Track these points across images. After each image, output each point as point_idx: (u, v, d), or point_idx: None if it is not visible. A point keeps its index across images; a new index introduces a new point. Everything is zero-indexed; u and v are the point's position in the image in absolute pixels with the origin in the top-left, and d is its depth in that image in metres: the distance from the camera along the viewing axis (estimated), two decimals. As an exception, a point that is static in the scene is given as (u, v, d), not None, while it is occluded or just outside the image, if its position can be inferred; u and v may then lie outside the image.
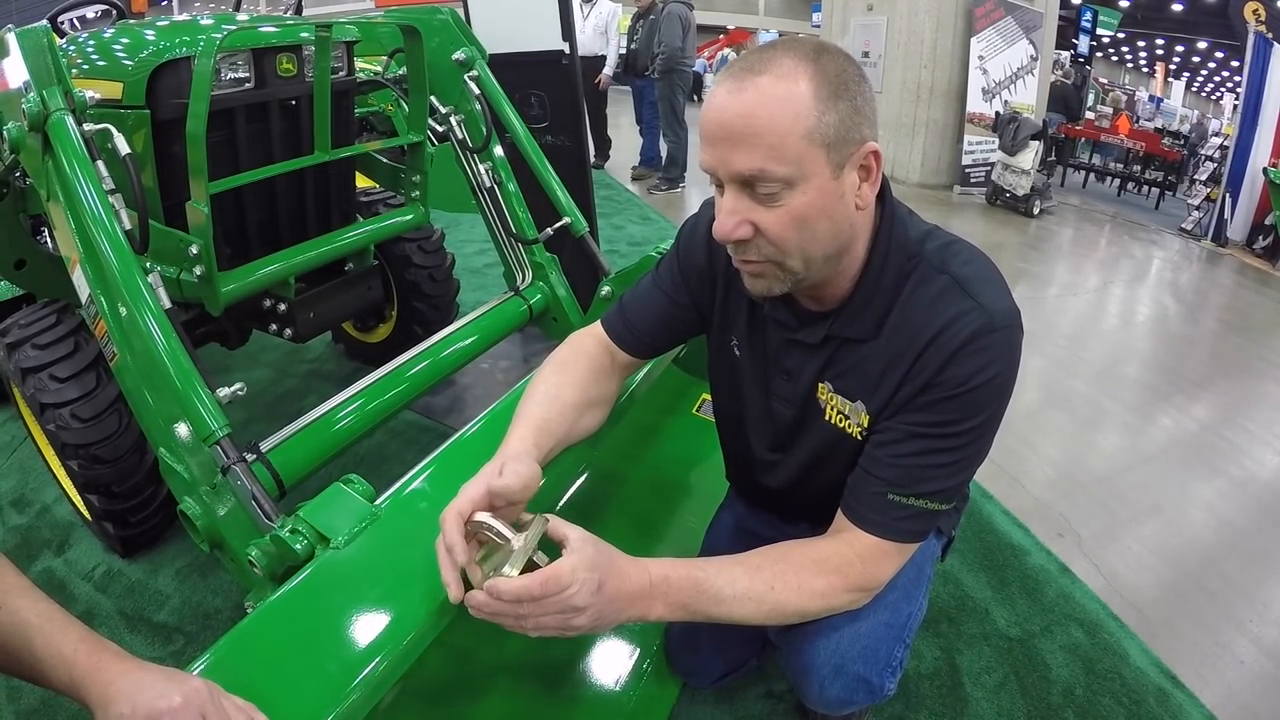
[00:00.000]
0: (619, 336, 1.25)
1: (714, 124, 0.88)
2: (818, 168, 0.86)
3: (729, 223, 0.90)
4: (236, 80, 1.82)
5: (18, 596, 0.79)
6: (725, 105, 0.86)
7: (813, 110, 0.84)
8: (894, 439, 0.99)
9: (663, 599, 0.94)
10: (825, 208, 0.89)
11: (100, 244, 1.41)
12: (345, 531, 0.97)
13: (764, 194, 0.87)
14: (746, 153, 0.85)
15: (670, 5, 6.30)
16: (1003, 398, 0.96)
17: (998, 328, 0.92)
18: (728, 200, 0.90)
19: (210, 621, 1.78)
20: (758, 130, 0.84)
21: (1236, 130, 6.67)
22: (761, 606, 0.97)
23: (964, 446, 0.97)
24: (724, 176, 0.89)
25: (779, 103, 0.84)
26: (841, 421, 1.08)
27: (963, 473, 1.00)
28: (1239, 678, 1.78)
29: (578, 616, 0.87)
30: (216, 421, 1.35)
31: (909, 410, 0.98)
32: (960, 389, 0.93)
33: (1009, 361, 0.94)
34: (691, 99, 7.80)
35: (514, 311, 2.26)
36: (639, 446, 1.95)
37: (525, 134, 2.33)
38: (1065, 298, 4.71)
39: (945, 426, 0.95)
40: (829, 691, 1.11)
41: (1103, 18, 12.71)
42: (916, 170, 7.87)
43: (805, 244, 0.91)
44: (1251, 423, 3.16)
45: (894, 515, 0.99)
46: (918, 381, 0.96)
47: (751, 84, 0.85)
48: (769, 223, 0.89)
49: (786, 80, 0.84)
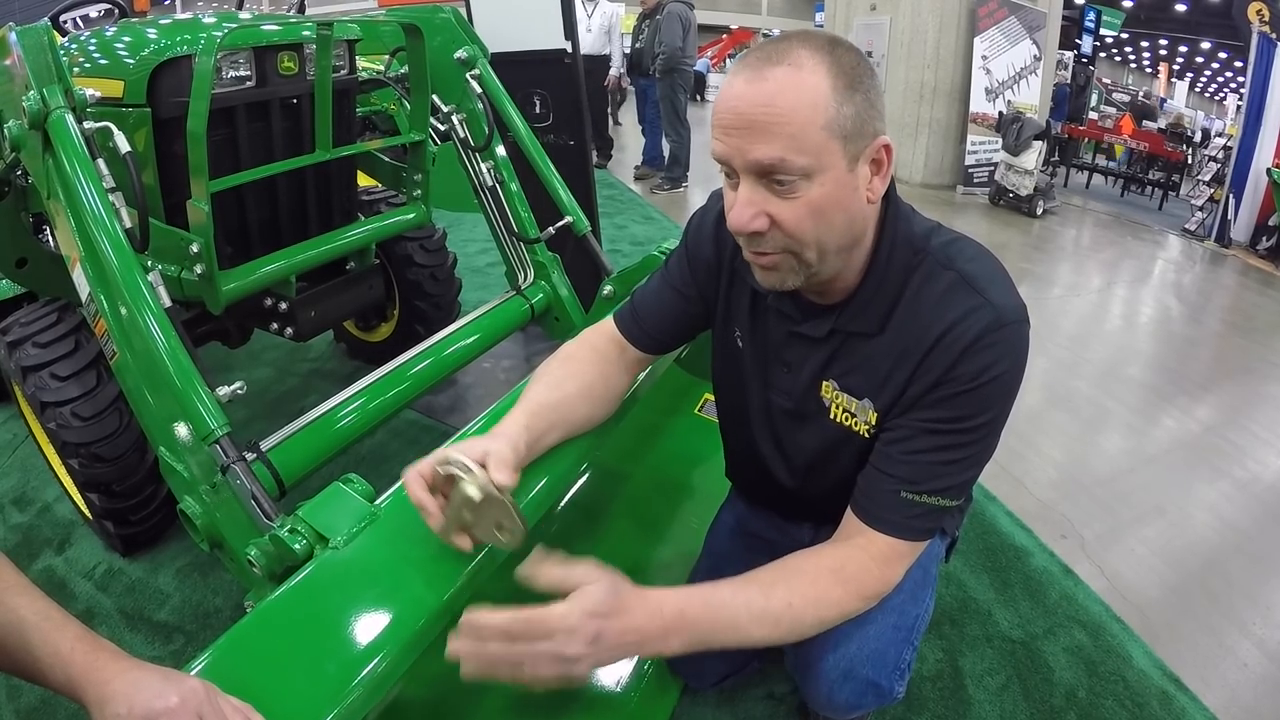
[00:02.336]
0: (629, 331, 1.25)
1: (731, 113, 0.86)
2: (835, 159, 0.86)
3: (745, 214, 0.89)
4: (238, 79, 1.81)
5: (16, 595, 0.79)
6: (744, 94, 0.85)
7: (831, 101, 0.84)
8: (906, 435, 0.99)
9: (678, 635, 0.91)
10: (840, 200, 0.89)
11: (100, 242, 1.41)
12: (345, 531, 0.96)
13: (781, 185, 0.86)
14: (766, 142, 0.84)
15: (671, 5, 6.31)
16: (1012, 392, 0.96)
17: (1006, 323, 0.92)
18: (744, 191, 0.89)
19: (210, 620, 1.77)
20: (778, 120, 0.83)
21: (1240, 131, 6.66)
22: (780, 626, 0.95)
23: (976, 442, 0.97)
24: (740, 166, 0.88)
25: (799, 93, 0.83)
26: (848, 420, 1.07)
27: (974, 468, 1.00)
28: (1242, 680, 1.77)
29: (575, 665, 0.84)
30: (216, 420, 1.35)
31: (920, 407, 0.98)
32: (972, 384, 0.93)
33: (1018, 357, 0.94)
34: (694, 98, 7.81)
35: (516, 311, 2.25)
36: (641, 446, 1.95)
37: (527, 133, 2.33)
38: (1068, 298, 4.70)
39: (958, 422, 0.95)
40: (838, 696, 1.10)
41: (1106, 18, 12.69)
42: (920, 170, 7.86)
43: (821, 236, 0.90)
44: (1255, 424, 3.15)
45: (907, 514, 0.99)
46: (928, 379, 0.96)
47: (771, 74, 0.84)
48: (786, 214, 0.88)
49: (805, 71, 0.83)
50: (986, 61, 7.47)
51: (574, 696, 1.39)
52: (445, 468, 0.89)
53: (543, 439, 1.09)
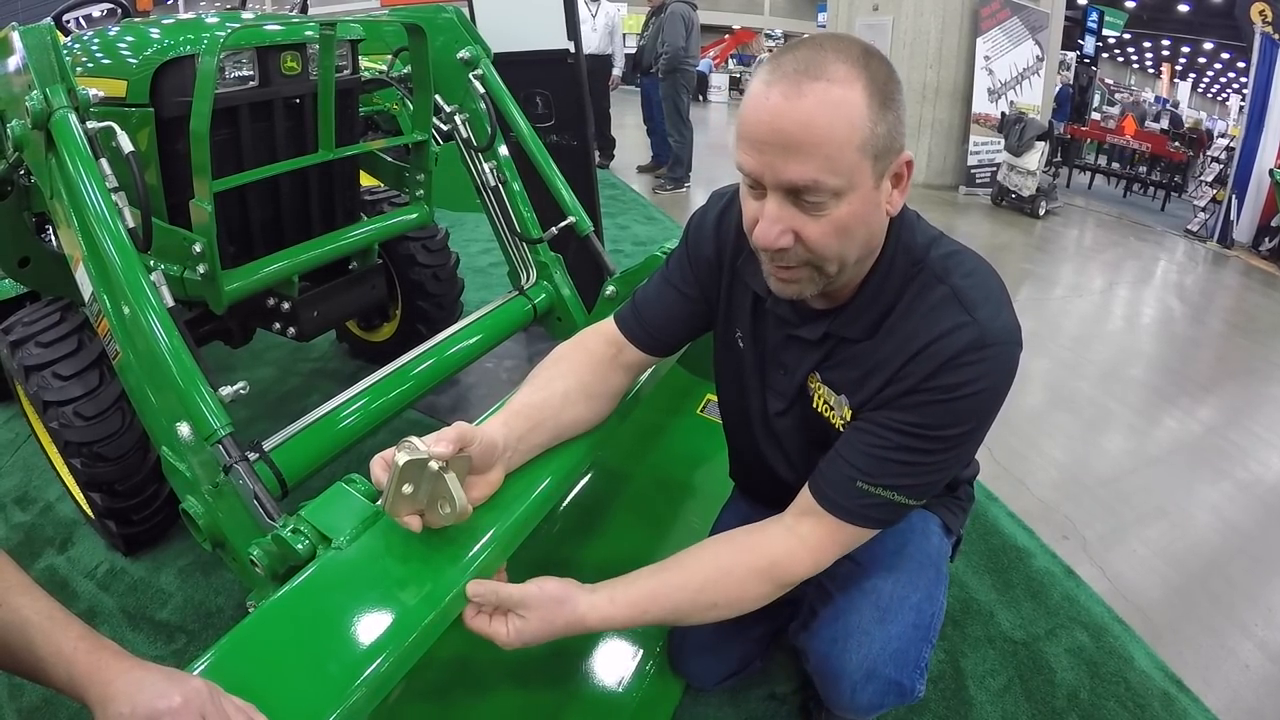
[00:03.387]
0: (630, 331, 1.24)
1: (766, 128, 0.84)
2: (864, 178, 0.86)
3: (772, 232, 0.88)
4: (241, 78, 1.81)
5: (18, 594, 0.78)
6: (780, 110, 0.83)
7: (867, 121, 0.83)
8: (871, 430, 0.99)
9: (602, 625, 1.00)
10: (865, 216, 0.89)
11: (103, 242, 1.41)
12: (347, 531, 0.96)
13: (810, 203, 0.86)
14: (801, 163, 0.83)
15: (674, 5, 6.30)
16: (987, 412, 0.96)
17: (989, 344, 0.92)
18: (771, 208, 0.88)
19: (212, 620, 1.77)
20: (815, 140, 0.82)
21: (1243, 132, 6.65)
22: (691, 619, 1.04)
23: (941, 451, 0.97)
24: (771, 184, 0.87)
25: (836, 112, 0.82)
26: (827, 411, 1.09)
27: (936, 474, 1.00)
28: (1244, 682, 1.77)
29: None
30: (219, 420, 1.35)
31: (892, 407, 0.98)
32: (946, 396, 0.93)
33: (999, 378, 0.94)
34: (696, 98, 7.81)
35: (518, 311, 2.25)
36: (644, 445, 1.95)
37: (530, 133, 2.32)
38: (1071, 299, 4.70)
39: (924, 429, 0.95)
40: (861, 696, 1.10)
41: (1109, 18, 12.67)
42: (922, 171, 7.86)
43: (843, 251, 0.91)
44: (1257, 425, 3.15)
45: (861, 502, 0.99)
46: (904, 384, 0.96)
47: (809, 89, 0.82)
48: (812, 232, 0.88)
49: (843, 87, 0.82)
50: (989, 62, 7.47)
51: (577, 696, 1.39)
52: (398, 448, 0.90)
53: (526, 438, 1.08)
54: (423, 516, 0.93)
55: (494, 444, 1.01)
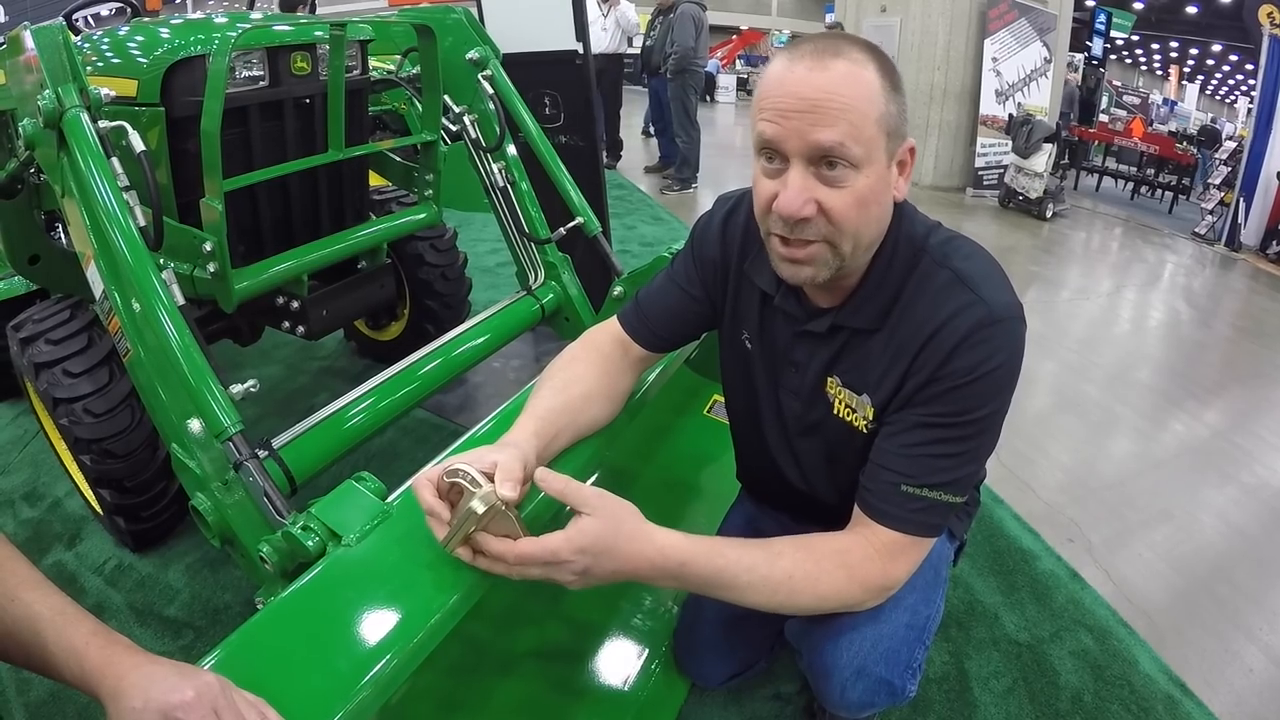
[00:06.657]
0: (633, 330, 1.26)
1: (793, 96, 0.88)
2: (879, 154, 0.91)
3: (798, 200, 0.91)
4: (251, 78, 1.82)
5: (30, 590, 0.79)
6: (807, 79, 0.88)
7: (882, 98, 0.89)
8: (902, 430, 1.01)
9: (674, 580, 0.96)
10: (879, 194, 0.93)
11: (114, 240, 1.41)
12: (357, 529, 0.97)
13: (832, 174, 0.89)
14: (830, 125, 0.87)
15: (684, 5, 6.29)
16: (1007, 388, 0.98)
17: (998, 319, 0.94)
18: (795, 178, 0.91)
19: (220, 617, 1.78)
20: (842, 105, 0.87)
21: (1250, 134, 6.63)
22: (776, 595, 0.98)
23: (972, 436, 0.99)
24: (796, 149, 0.90)
25: (859, 84, 0.88)
26: (849, 415, 1.10)
27: (973, 463, 1.01)
28: (1248, 686, 1.77)
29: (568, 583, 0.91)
30: (229, 418, 1.36)
31: (916, 403, 1.00)
32: (965, 379, 0.95)
33: (1011, 352, 0.96)
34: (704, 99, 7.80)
35: (526, 311, 2.26)
36: (651, 446, 1.95)
37: (538, 133, 2.33)
38: (1078, 302, 4.69)
39: (953, 417, 0.97)
40: (850, 694, 1.10)
41: (1116, 20, 12.65)
42: (929, 172, 7.85)
43: (860, 227, 0.93)
44: (1264, 429, 3.14)
45: (909, 507, 1.00)
46: (922, 375, 0.98)
47: (832, 64, 0.88)
48: (835, 202, 0.91)
49: (860, 66, 0.89)
50: (997, 64, 7.44)
51: (583, 695, 1.40)
52: (452, 478, 0.90)
53: (552, 444, 1.10)
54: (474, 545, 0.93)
55: (533, 462, 1.00)
